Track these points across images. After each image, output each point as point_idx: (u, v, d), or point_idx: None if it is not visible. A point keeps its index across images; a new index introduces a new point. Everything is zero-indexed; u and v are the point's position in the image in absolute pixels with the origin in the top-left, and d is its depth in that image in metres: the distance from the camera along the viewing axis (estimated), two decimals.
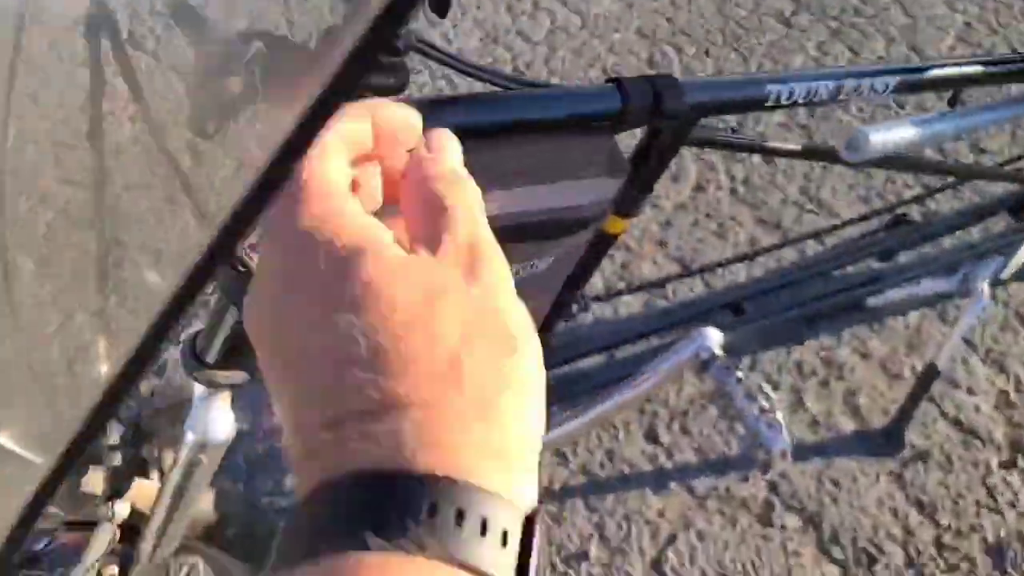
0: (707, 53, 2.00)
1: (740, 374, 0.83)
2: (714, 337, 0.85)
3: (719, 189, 1.75)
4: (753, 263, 1.51)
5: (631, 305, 1.48)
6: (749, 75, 0.84)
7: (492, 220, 0.68)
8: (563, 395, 1.02)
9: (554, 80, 1.85)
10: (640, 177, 0.74)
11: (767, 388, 0.82)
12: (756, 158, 1.80)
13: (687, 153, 1.79)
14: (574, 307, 0.84)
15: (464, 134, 0.62)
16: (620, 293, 1.23)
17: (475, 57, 1.91)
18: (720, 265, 1.26)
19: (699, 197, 1.74)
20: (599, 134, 0.69)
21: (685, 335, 0.87)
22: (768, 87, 0.72)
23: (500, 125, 0.62)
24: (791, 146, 0.81)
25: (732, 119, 1.54)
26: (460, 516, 0.22)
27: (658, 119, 0.68)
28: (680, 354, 0.86)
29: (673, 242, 1.66)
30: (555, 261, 0.75)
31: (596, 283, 1.53)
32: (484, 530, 0.22)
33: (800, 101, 0.74)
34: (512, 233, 0.69)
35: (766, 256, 1.38)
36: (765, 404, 0.81)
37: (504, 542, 0.23)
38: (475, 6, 2.01)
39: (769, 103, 0.72)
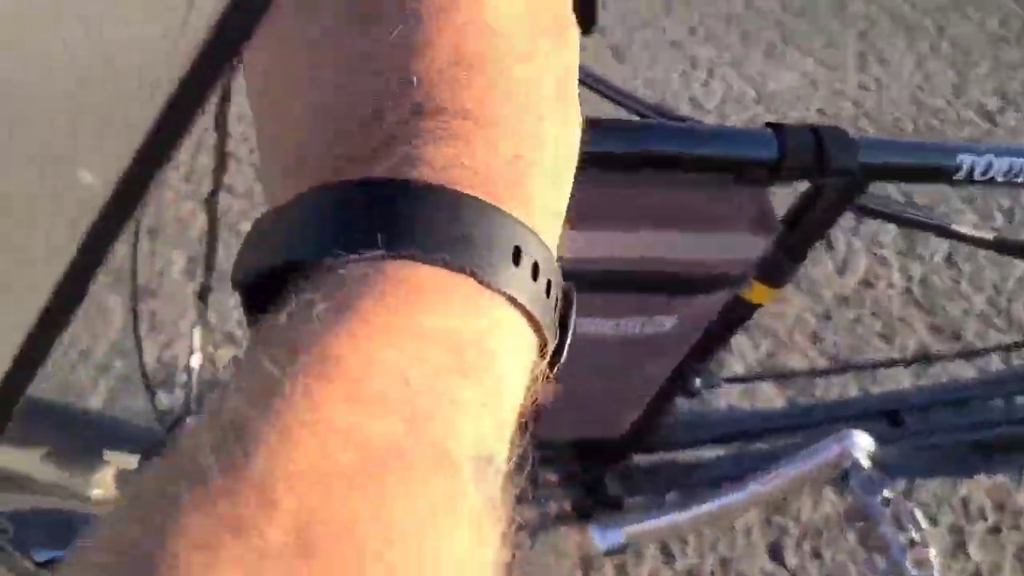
0: None
1: (889, 493, 0.69)
2: (861, 442, 0.73)
3: (890, 287, 1.58)
4: (921, 370, 1.34)
5: (770, 396, 1.34)
6: (939, 142, 0.73)
7: (615, 263, 0.61)
8: (679, 482, 0.91)
9: None
10: (792, 241, 0.65)
11: (919, 516, 0.68)
12: (938, 257, 1.62)
13: (858, 243, 1.64)
14: (697, 381, 0.74)
15: (599, 163, 0.56)
16: (759, 377, 1.11)
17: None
18: (882, 365, 1.11)
19: (866, 292, 1.58)
20: (750, 185, 0.60)
21: (828, 436, 0.75)
22: (960, 157, 0.61)
23: (639, 157, 0.55)
24: (979, 233, 0.68)
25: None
26: (489, 240, 0.18)
27: (821, 176, 0.59)
28: (819, 456, 0.74)
29: (830, 338, 1.50)
30: (682, 322, 0.67)
31: (735, 367, 1.40)
32: (517, 259, 0.19)
33: (999, 179, 0.63)
34: (636, 280, 0.62)
35: (938, 365, 1.21)
36: (916, 536, 0.67)
37: (517, 260, 0.19)
38: (647, 67, 1.97)
39: (959, 177, 0.61)
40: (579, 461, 0.82)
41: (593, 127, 0.54)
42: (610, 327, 0.64)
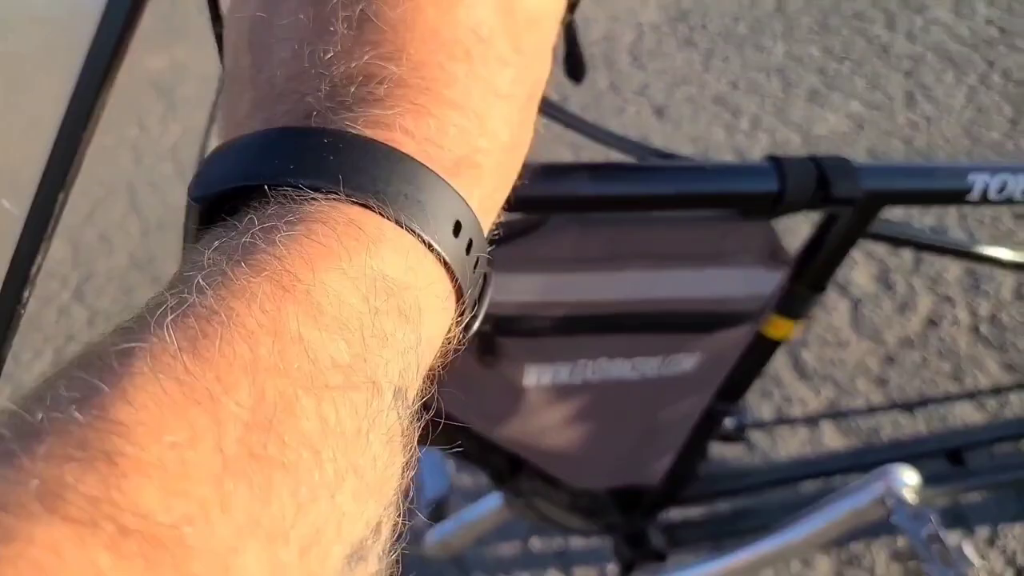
0: None
1: (936, 529, 0.66)
2: (905, 477, 0.70)
3: (955, 325, 1.52)
4: (984, 406, 1.28)
5: (829, 441, 1.29)
6: (950, 162, 0.72)
7: (628, 305, 0.62)
8: (723, 531, 0.89)
9: None
10: (809, 272, 0.64)
11: (970, 552, 0.65)
12: (1005, 292, 1.56)
13: (918, 282, 1.59)
14: (727, 421, 0.73)
15: (603, 205, 0.57)
16: (810, 419, 1.08)
17: None
18: (938, 400, 1.07)
19: (931, 333, 1.52)
20: (755, 219, 0.61)
21: (869, 473, 0.73)
22: (971, 177, 0.60)
23: (643, 199, 0.56)
24: (1008, 255, 0.66)
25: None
26: (437, 209, 0.21)
27: (827, 205, 0.59)
28: (860, 493, 0.72)
29: (895, 381, 1.45)
30: (704, 361, 0.67)
31: (797, 414, 1.37)
32: (456, 232, 0.22)
33: (1017, 198, 0.61)
34: (651, 320, 0.62)
35: (1005, 399, 1.15)
36: (966, 572, 0.64)
37: (456, 233, 0.22)
38: (690, 122, 1.99)
39: (973, 197, 0.60)
40: (619, 511, 0.81)
41: (597, 171, 0.56)
42: (628, 368, 0.64)
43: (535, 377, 0.63)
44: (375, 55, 0.22)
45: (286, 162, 0.21)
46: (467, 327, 0.24)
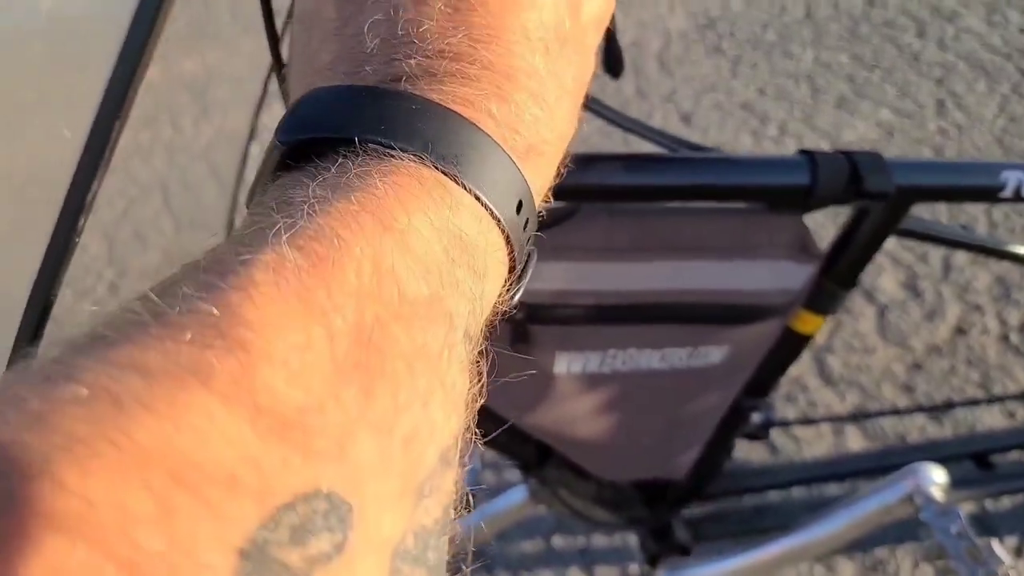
0: None
1: (964, 526, 0.66)
2: (933, 475, 0.70)
3: (985, 333, 1.51)
4: (1012, 412, 1.26)
5: (853, 441, 1.29)
6: (982, 160, 0.72)
7: (658, 295, 0.63)
8: (749, 526, 0.89)
9: None
10: (839, 268, 0.65)
11: (1000, 550, 0.65)
12: None
13: (947, 289, 1.58)
14: (754, 416, 0.74)
15: (634, 195, 0.58)
16: (832, 419, 1.07)
17: None
18: (962, 404, 1.06)
19: (959, 341, 1.51)
20: (787, 213, 0.61)
21: (897, 471, 0.73)
22: (1004, 175, 0.61)
23: (675, 190, 0.57)
24: None
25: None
26: (508, 189, 0.24)
27: (859, 200, 0.60)
28: (888, 491, 0.72)
29: (922, 389, 1.44)
30: (731, 354, 0.67)
31: (816, 415, 1.36)
32: (519, 210, 0.24)
33: None
34: (679, 311, 0.63)
35: None
36: (997, 571, 0.64)
37: (519, 211, 0.24)
38: (717, 128, 1.99)
39: (1005, 195, 0.61)
40: (645, 505, 0.81)
41: (629, 161, 0.57)
42: (657, 359, 0.65)
43: (565, 365, 0.64)
44: (468, 36, 0.24)
45: (377, 121, 0.22)
46: (513, 295, 0.26)
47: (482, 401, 0.23)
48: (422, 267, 0.20)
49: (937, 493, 0.69)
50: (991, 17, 2.23)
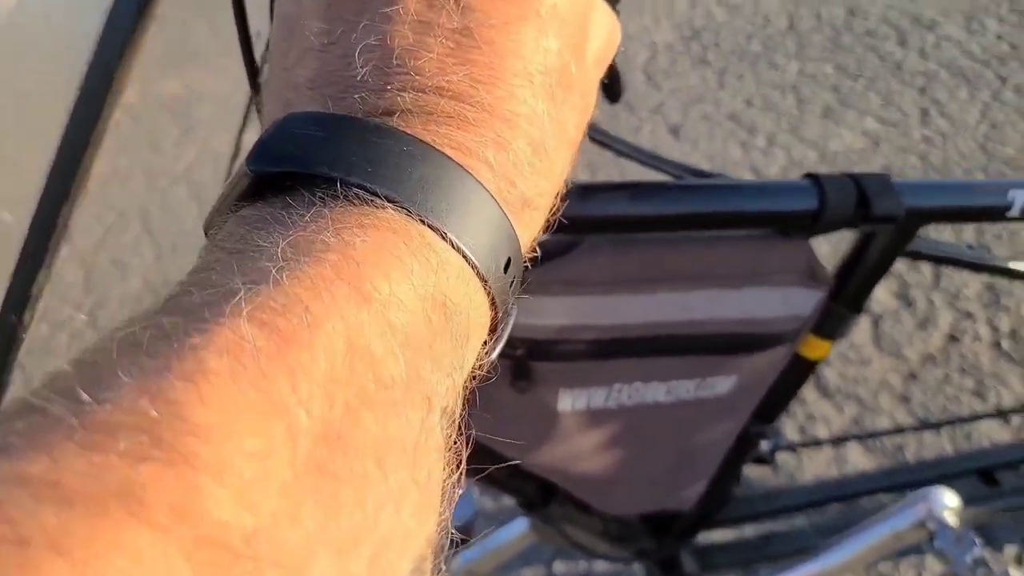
0: None
1: (980, 553, 0.65)
2: (947, 500, 0.69)
3: (977, 340, 1.51)
4: (1009, 423, 1.26)
5: (857, 461, 1.27)
6: (989, 180, 0.71)
7: (664, 327, 0.61)
8: (758, 554, 0.87)
9: None
10: (847, 292, 0.63)
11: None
12: None
13: (938, 298, 1.58)
14: (763, 443, 0.72)
15: (639, 225, 0.57)
16: (839, 439, 1.06)
17: None
18: (967, 420, 1.05)
19: (952, 349, 1.51)
20: (794, 238, 0.60)
21: (909, 496, 0.71)
22: (1012, 194, 0.59)
23: (680, 218, 0.55)
24: None
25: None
26: (496, 249, 0.22)
27: (867, 224, 0.58)
28: (901, 516, 0.70)
29: (917, 399, 1.43)
30: (740, 384, 0.65)
31: (819, 433, 1.35)
32: (506, 268, 0.22)
33: None
34: (687, 343, 0.61)
35: None
36: None
37: (506, 269, 0.22)
38: (706, 141, 1.98)
39: (1013, 214, 0.59)
40: (651, 537, 0.79)
41: (633, 190, 0.55)
42: (663, 392, 0.63)
43: (569, 402, 0.62)
44: (469, 75, 0.22)
45: (364, 161, 0.20)
46: (489, 354, 0.24)
47: (461, 489, 0.20)
48: (401, 342, 0.18)
49: (950, 518, 0.68)
50: (969, 25, 2.25)
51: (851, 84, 2.11)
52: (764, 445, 0.72)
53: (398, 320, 0.18)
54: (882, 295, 1.60)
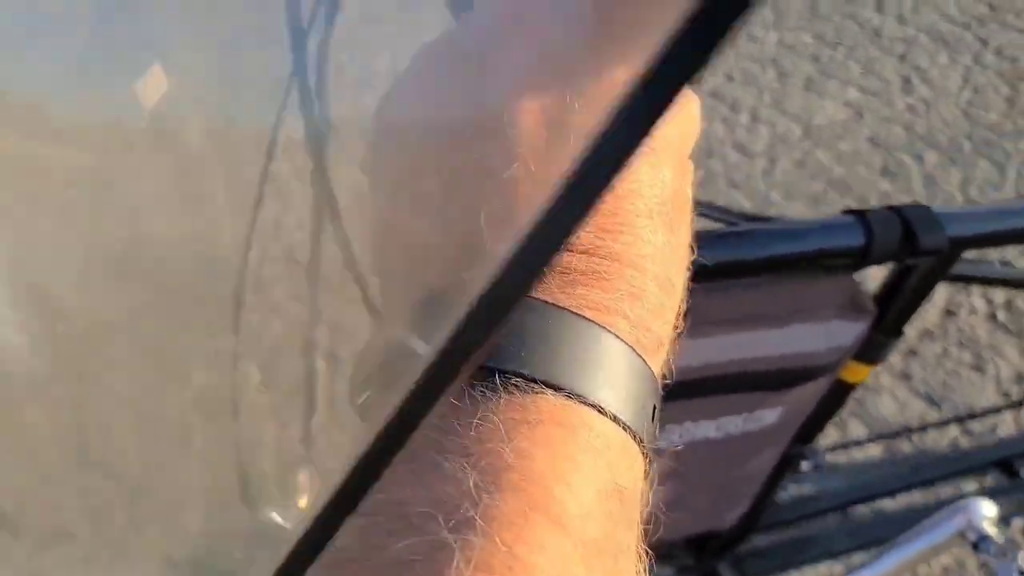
0: (953, 161, 1.81)
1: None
2: (985, 510, 0.70)
3: (973, 314, 1.53)
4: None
5: (870, 451, 1.29)
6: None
7: (714, 368, 0.61)
8: (793, 560, 0.88)
9: (774, 193, 1.75)
10: (888, 319, 0.63)
11: None
12: None
13: None
14: (804, 464, 0.73)
15: (695, 276, 0.56)
16: (859, 442, 1.07)
17: None
18: (987, 412, 1.07)
19: (949, 323, 1.53)
20: (838, 272, 0.60)
21: (947, 507, 0.72)
22: None
23: (732, 266, 0.55)
24: None
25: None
26: (645, 403, 0.21)
27: (911, 256, 0.58)
28: (941, 529, 0.71)
29: (918, 375, 1.45)
30: (785, 413, 0.66)
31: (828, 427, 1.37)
32: (653, 416, 0.22)
33: None
34: (736, 381, 0.61)
35: None
36: None
37: (653, 416, 0.22)
38: None
39: None
40: (692, 554, 0.80)
41: None
42: (712, 429, 0.63)
43: None
44: (594, 226, 0.22)
45: (517, 345, 0.20)
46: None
47: None
48: (595, 552, 0.18)
49: (989, 528, 0.69)
50: None
51: (831, 53, 2.10)
52: (804, 465, 0.73)
53: (589, 532, 0.18)
54: (877, 271, 1.62)
